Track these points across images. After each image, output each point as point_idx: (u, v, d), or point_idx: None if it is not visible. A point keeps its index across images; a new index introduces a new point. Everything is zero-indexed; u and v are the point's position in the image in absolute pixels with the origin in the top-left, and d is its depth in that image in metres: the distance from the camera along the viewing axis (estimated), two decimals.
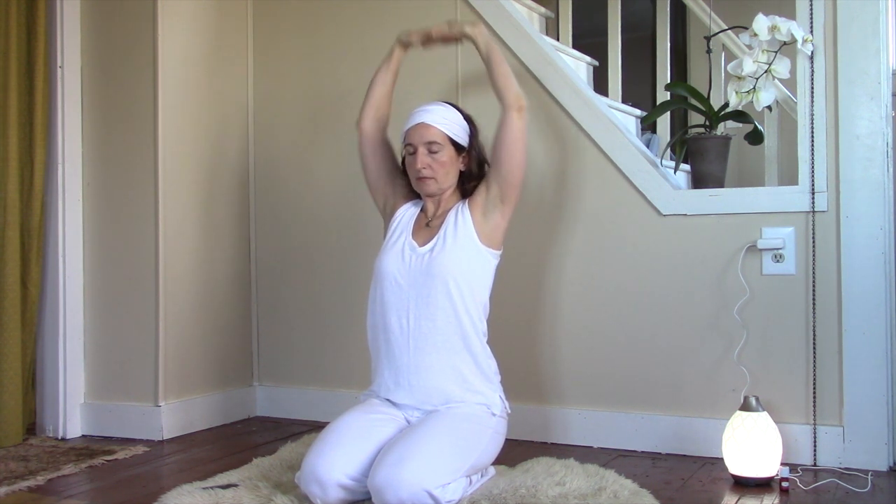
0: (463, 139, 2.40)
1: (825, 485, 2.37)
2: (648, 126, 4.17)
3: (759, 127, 2.96)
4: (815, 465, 2.54)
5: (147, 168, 3.06)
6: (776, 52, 2.61)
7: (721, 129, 2.93)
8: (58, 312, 3.08)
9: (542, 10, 3.87)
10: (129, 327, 3.09)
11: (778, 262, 2.62)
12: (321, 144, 3.33)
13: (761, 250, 2.62)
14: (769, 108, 2.84)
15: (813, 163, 2.58)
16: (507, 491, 2.19)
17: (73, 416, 3.10)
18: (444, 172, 2.37)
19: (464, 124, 2.41)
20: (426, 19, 3.11)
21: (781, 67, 2.61)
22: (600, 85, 3.94)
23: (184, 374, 3.13)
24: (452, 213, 2.38)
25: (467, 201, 2.40)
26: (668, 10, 4.24)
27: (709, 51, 3.80)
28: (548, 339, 2.92)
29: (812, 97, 2.59)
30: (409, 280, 2.32)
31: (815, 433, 2.55)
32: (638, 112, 3.87)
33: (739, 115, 2.90)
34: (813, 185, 2.58)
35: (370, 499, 2.04)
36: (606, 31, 4.09)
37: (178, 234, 3.12)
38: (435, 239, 2.35)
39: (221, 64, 3.33)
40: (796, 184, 2.62)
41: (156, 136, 3.05)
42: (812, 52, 2.58)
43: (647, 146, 3.49)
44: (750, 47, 2.64)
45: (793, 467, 2.44)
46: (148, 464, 2.71)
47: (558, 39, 4.00)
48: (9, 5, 2.97)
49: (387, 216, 2.51)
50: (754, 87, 2.63)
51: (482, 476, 2.28)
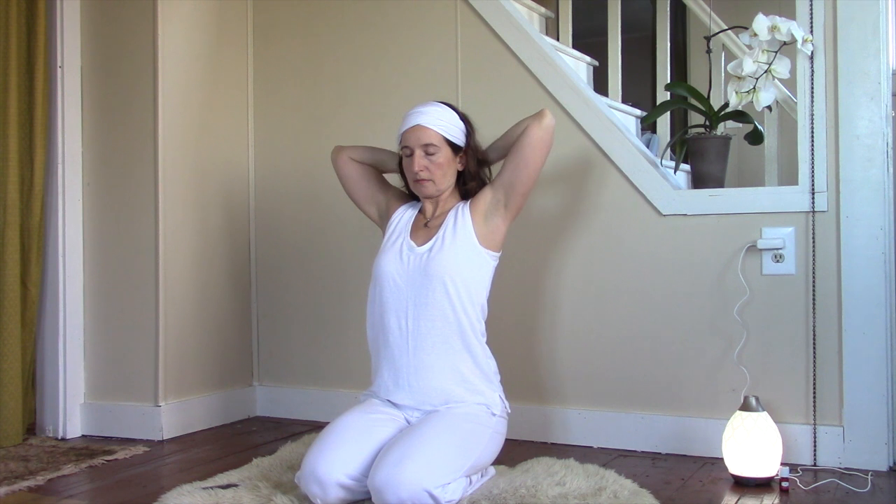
0: (459, 139, 2.39)
1: (825, 485, 2.36)
2: (648, 126, 4.16)
3: (759, 127, 2.96)
4: (815, 465, 2.54)
5: (147, 168, 3.06)
6: (776, 52, 2.61)
7: (721, 129, 2.93)
8: (58, 312, 3.08)
9: (542, 10, 3.87)
10: (129, 327, 3.09)
11: (778, 262, 2.62)
12: (321, 144, 3.33)
13: (761, 250, 2.62)
14: (769, 108, 2.84)
15: (813, 163, 2.58)
16: (507, 491, 2.19)
17: (73, 416, 3.10)
18: (441, 174, 2.36)
19: (460, 124, 2.40)
20: (426, 19, 3.12)
21: (781, 67, 2.61)
22: (600, 85, 3.94)
23: (184, 373, 3.13)
24: (452, 214, 2.37)
25: (469, 202, 2.39)
26: (668, 10, 4.24)
27: (709, 51, 3.80)
28: (548, 338, 2.92)
29: (812, 97, 2.59)
30: (408, 280, 2.31)
31: (815, 433, 2.55)
32: (638, 112, 3.87)
33: (739, 115, 2.90)
34: (813, 185, 2.58)
35: (370, 499, 2.04)
36: (606, 31, 4.09)
37: (178, 233, 3.12)
38: (434, 239, 2.34)
39: (221, 64, 3.33)
40: (796, 184, 2.62)
41: (156, 136, 3.05)
42: (812, 52, 2.58)
43: (647, 146, 3.49)
44: (750, 47, 2.64)
45: (793, 467, 2.45)
46: (148, 464, 2.71)
47: (558, 39, 4.00)
48: (9, 5, 2.97)
49: (383, 222, 2.51)
50: (754, 87, 2.63)
51: (482, 476, 2.28)
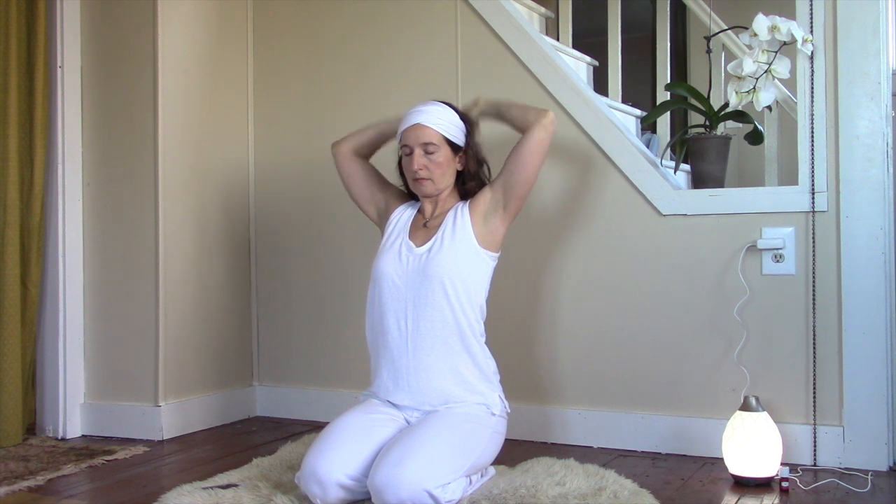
0: (459, 139, 2.39)
1: (825, 485, 2.36)
2: (648, 126, 4.16)
3: (759, 127, 2.96)
4: (815, 465, 2.54)
5: (147, 168, 3.06)
6: (776, 52, 2.61)
7: (721, 129, 2.93)
8: (58, 312, 3.08)
9: (542, 10, 3.87)
10: (129, 327, 3.09)
11: (778, 262, 2.62)
12: (321, 144, 3.32)
13: (761, 250, 2.62)
14: (769, 108, 2.84)
15: (813, 163, 2.58)
16: (507, 491, 2.19)
17: (73, 416, 3.10)
18: (440, 173, 2.36)
19: (460, 123, 2.40)
20: (426, 19, 3.12)
21: (781, 67, 2.61)
22: (600, 85, 3.94)
23: (184, 373, 3.13)
24: (451, 214, 2.37)
25: (468, 203, 2.39)
26: (668, 10, 4.24)
27: (709, 51, 3.80)
28: (548, 338, 2.92)
29: (812, 97, 2.59)
30: (407, 281, 2.31)
31: (815, 433, 2.55)
32: (638, 112, 3.87)
33: (739, 115, 2.90)
34: (813, 185, 2.58)
35: (370, 499, 2.04)
36: (606, 31, 4.09)
37: (178, 233, 3.12)
38: (433, 240, 2.34)
39: (221, 64, 3.33)
40: (796, 184, 2.62)
41: (156, 135, 3.05)
42: (812, 52, 2.58)
43: (647, 146, 3.49)
44: (750, 47, 2.64)
45: (793, 467, 2.45)
46: (148, 464, 2.71)
47: (558, 39, 4.00)
48: (9, 5, 2.97)
49: (382, 222, 2.51)
50: (754, 87, 2.63)
51: (482, 476, 2.28)
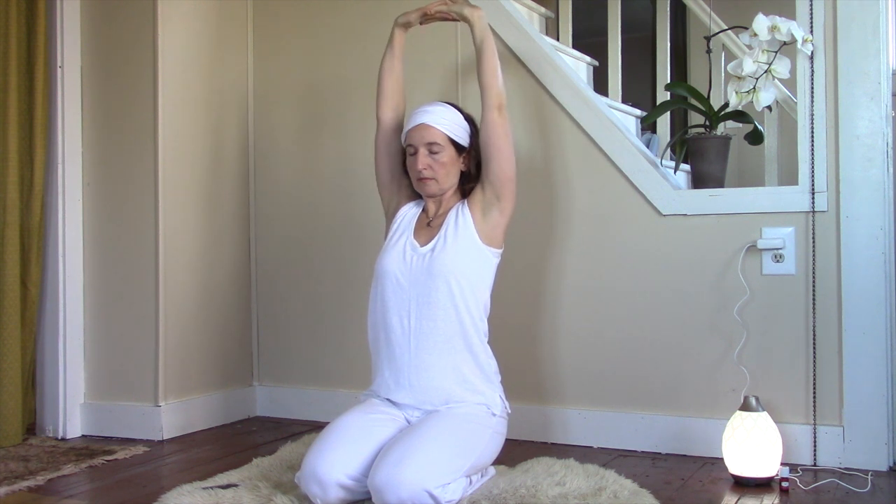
0: (464, 139, 2.40)
1: (825, 485, 2.37)
2: (648, 126, 4.16)
3: (759, 127, 2.96)
4: (815, 465, 2.54)
5: (147, 168, 3.06)
6: (776, 52, 2.61)
7: (721, 129, 2.93)
8: (58, 312, 3.07)
9: (542, 10, 3.87)
10: (129, 327, 3.09)
11: (778, 262, 2.62)
12: (322, 143, 3.33)
13: (761, 250, 2.62)
14: (769, 108, 2.84)
15: (813, 163, 2.58)
16: (507, 491, 2.19)
17: (73, 416, 3.10)
18: (444, 173, 2.37)
19: (464, 124, 2.41)
20: None
21: (781, 67, 2.61)
22: (600, 85, 3.94)
23: (184, 373, 3.13)
24: (453, 213, 2.38)
25: (466, 201, 2.40)
26: (668, 10, 4.24)
27: (709, 51, 3.79)
28: (548, 338, 2.92)
29: (812, 97, 2.59)
30: (411, 279, 2.32)
31: (815, 433, 2.55)
32: (638, 112, 3.87)
33: (739, 115, 2.90)
34: (813, 185, 2.58)
35: (370, 499, 2.04)
36: (606, 31, 4.09)
37: (178, 233, 3.12)
38: (436, 238, 2.35)
39: (221, 63, 3.33)
40: (796, 184, 2.62)
41: (156, 135, 3.05)
42: (812, 52, 2.58)
43: (647, 146, 3.49)
44: (750, 47, 2.64)
45: (793, 467, 2.45)
46: (148, 464, 2.71)
47: (558, 39, 4.00)
48: (9, 5, 2.97)
49: (390, 215, 2.51)
50: (754, 87, 2.63)
51: (482, 476, 2.28)
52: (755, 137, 2.96)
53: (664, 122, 4.20)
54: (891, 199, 2.54)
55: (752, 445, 2.35)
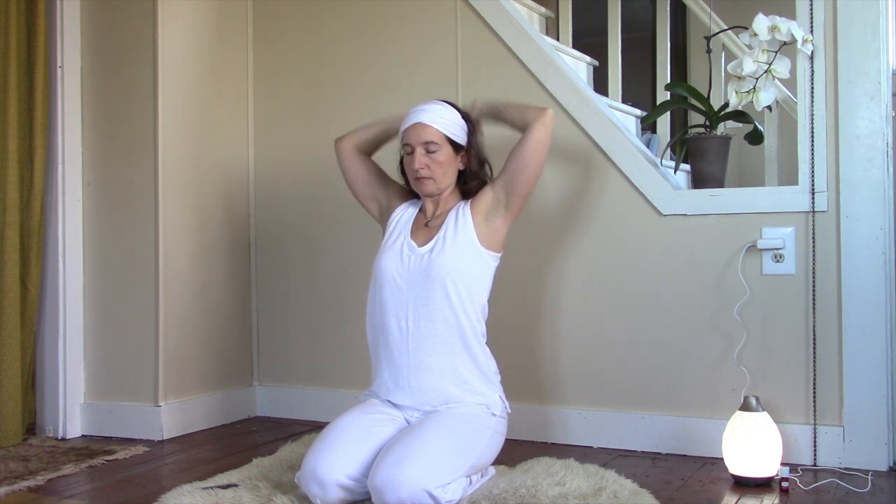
0: (461, 138, 2.39)
1: (825, 485, 2.36)
2: (648, 126, 4.16)
3: (759, 127, 2.96)
4: (815, 465, 2.54)
5: (147, 168, 3.06)
6: (776, 52, 2.61)
7: (721, 129, 2.93)
8: (58, 312, 3.07)
9: (542, 10, 3.87)
10: (129, 327, 3.09)
11: (778, 262, 2.62)
12: (321, 144, 3.33)
13: (761, 250, 2.62)
14: (769, 108, 2.84)
15: (813, 163, 2.58)
16: (507, 491, 2.19)
17: (72, 416, 3.10)
18: (442, 172, 2.36)
19: (462, 123, 2.40)
20: (426, 19, 3.12)
21: (781, 67, 2.61)
22: (600, 85, 3.94)
23: (184, 373, 3.13)
24: (453, 214, 2.37)
25: (469, 202, 2.39)
26: (668, 10, 4.24)
27: (709, 51, 3.79)
28: (548, 339, 2.92)
29: (812, 97, 2.58)
30: (408, 281, 2.31)
31: (815, 433, 2.55)
32: (638, 112, 3.87)
33: (739, 115, 2.90)
34: (813, 185, 2.58)
35: (370, 499, 2.04)
36: (606, 31, 4.09)
37: (178, 233, 3.12)
38: (434, 239, 2.34)
39: (221, 64, 3.33)
40: (796, 184, 2.62)
41: (155, 135, 3.05)
42: (812, 52, 2.58)
43: (647, 146, 3.49)
44: (750, 47, 2.64)
45: (793, 467, 2.44)
46: (148, 464, 2.71)
47: (558, 39, 4.00)
48: (9, 5, 2.97)
49: (384, 220, 2.51)
50: (754, 87, 2.63)
51: (482, 476, 2.28)
52: (755, 137, 2.96)
53: (664, 122, 4.20)
54: (891, 199, 2.54)
55: (752, 445, 2.35)
